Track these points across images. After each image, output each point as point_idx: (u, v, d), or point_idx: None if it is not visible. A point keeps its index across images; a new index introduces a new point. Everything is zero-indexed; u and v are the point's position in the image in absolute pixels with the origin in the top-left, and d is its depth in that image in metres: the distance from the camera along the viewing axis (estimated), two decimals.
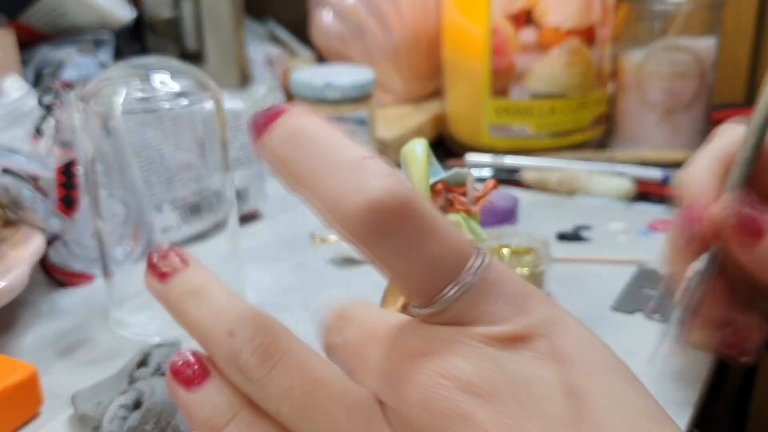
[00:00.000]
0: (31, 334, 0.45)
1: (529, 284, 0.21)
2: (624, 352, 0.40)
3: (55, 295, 0.50)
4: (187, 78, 0.44)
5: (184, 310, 0.23)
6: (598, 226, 0.58)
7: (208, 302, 0.23)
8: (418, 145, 0.34)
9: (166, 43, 0.84)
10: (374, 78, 0.70)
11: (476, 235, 0.35)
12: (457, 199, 0.35)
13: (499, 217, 0.58)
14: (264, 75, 0.88)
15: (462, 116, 0.78)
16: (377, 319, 0.23)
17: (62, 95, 0.48)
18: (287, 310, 0.47)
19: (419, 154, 0.33)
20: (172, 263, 0.23)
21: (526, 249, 0.48)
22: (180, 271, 0.23)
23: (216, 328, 0.22)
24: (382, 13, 0.84)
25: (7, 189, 0.45)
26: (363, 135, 0.70)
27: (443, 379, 0.19)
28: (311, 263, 0.54)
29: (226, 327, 0.22)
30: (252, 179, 0.60)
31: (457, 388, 0.19)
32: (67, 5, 0.71)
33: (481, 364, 0.19)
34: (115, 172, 0.48)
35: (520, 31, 0.71)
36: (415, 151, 0.33)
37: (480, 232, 0.35)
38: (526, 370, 0.19)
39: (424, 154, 0.33)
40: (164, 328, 0.45)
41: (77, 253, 0.51)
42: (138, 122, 0.48)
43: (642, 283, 0.48)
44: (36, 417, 0.37)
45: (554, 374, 0.19)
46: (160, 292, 0.23)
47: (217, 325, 0.22)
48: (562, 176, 0.66)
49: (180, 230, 0.51)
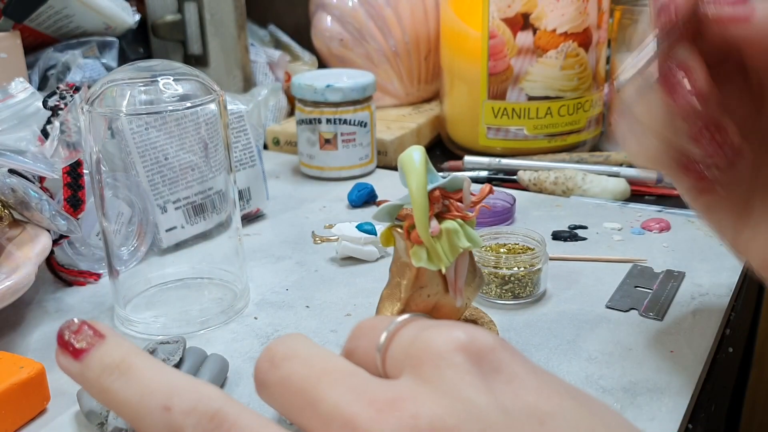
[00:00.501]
0: (37, 332, 0.46)
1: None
2: (620, 349, 0.41)
3: (61, 294, 0.50)
4: (190, 81, 0.44)
5: (106, 388, 0.21)
6: (593, 226, 0.59)
7: (133, 376, 0.20)
8: (416, 152, 0.34)
9: (170, 46, 0.84)
10: (374, 81, 0.71)
11: (472, 241, 0.35)
12: (454, 205, 0.35)
13: (496, 216, 0.59)
14: (266, 78, 0.88)
15: (460, 118, 0.79)
16: (323, 356, 0.21)
17: (68, 97, 0.49)
18: (290, 307, 0.48)
19: (417, 163, 0.33)
20: (86, 338, 0.21)
21: (522, 248, 0.48)
22: (96, 346, 0.21)
23: (148, 403, 0.20)
24: (382, 17, 0.85)
25: (13, 189, 0.46)
26: (363, 136, 0.71)
27: (414, 421, 0.19)
28: (312, 262, 0.54)
29: (159, 402, 0.20)
30: (254, 180, 0.61)
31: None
32: (72, 9, 0.72)
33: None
34: (120, 173, 0.49)
35: (517, 35, 0.71)
36: (413, 158, 0.33)
37: (476, 238, 0.36)
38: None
39: (422, 162, 0.33)
40: (168, 325, 0.45)
41: (83, 253, 0.51)
42: (142, 124, 0.48)
43: (637, 281, 0.49)
44: (43, 413, 0.38)
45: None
46: (77, 371, 0.21)
47: (149, 400, 0.20)
48: (558, 177, 0.67)
49: (184, 230, 0.52)
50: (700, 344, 0.42)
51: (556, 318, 0.45)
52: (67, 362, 0.21)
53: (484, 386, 0.19)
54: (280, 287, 0.50)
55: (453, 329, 0.21)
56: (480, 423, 0.19)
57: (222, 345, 0.43)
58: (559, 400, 0.20)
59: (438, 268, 0.34)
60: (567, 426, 0.19)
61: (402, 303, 0.36)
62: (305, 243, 0.58)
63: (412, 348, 0.21)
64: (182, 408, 0.19)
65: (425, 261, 0.34)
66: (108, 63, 0.76)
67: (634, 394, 0.37)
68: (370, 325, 0.23)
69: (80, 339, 0.21)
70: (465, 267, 0.36)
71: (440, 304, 0.37)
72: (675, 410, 0.36)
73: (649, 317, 0.45)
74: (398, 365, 0.21)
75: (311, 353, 0.21)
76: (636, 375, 0.39)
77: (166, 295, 0.49)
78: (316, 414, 0.20)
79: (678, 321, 0.44)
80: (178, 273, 0.50)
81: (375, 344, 0.22)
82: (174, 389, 0.20)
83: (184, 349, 0.39)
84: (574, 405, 0.20)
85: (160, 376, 0.20)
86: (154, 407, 0.20)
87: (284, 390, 0.21)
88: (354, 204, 0.65)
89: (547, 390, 0.20)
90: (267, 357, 0.22)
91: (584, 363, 0.40)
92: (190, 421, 0.19)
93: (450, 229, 0.34)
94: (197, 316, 0.46)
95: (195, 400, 0.20)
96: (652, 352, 0.41)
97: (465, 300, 0.37)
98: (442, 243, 0.34)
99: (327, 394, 0.20)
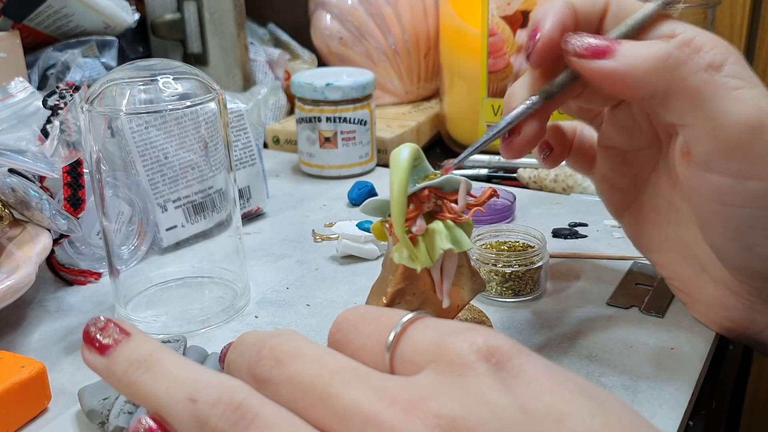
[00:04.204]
0: (38, 332, 0.46)
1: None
2: (620, 346, 0.41)
3: (61, 293, 0.50)
4: (190, 79, 0.44)
5: (133, 381, 0.21)
6: (593, 224, 0.59)
7: (160, 370, 0.21)
8: (405, 149, 0.33)
9: (170, 45, 0.84)
10: (374, 79, 0.71)
11: (457, 243, 0.34)
12: (447, 206, 0.35)
13: (496, 214, 0.59)
14: (266, 76, 0.88)
15: (460, 116, 0.79)
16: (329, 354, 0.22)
17: (67, 97, 0.49)
18: (290, 306, 0.48)
19: (402, 160, 0.33)
20: (112, 335, 0.22)
21: (523, 246, 0.48)
22: (123, 342, 0.22)
23: (174, 396, 0.20)
24: (381, 16, 0.85)
25: (13, 189, 0.46)
26: (363, 135, 0.71)
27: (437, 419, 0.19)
28: (313, 260, 0.54)
29: (185, 394, 0.20)
30: (254, 179, 0.61)
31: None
32: (71, 9, 0.72)
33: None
34: (120, 172, 0.49)
35: (516, 32, 0.71)
36: (400, 156, 0.33)
37: (463, 241, 0.35)
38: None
39: (407, 160, 0.33)
40: (169, 324, 0.45)
41: (83, 252, 0.51)
42: (142, 123, 0.48)
43: (637, 278, 0.49)
44: (44, 412, 0.38)
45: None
46: (104, 366, 0.22)
47: (175, 392, 0.21)
48: (558, 174, 0.67)
49: (184, 229, 0.52)
50: (701, 341, 0.42)
51: (556, 315, 0.45)
52: (93, 358, 0.22)
53: (504, 389, 0.20)
54: (281, 286, 0.50)
55: (472, 335, 0.21)
56: (501, 423, 0.19)
57: (223, 344, 0.43)
58: (576, 398, 0.20)
59: (415, 267, 0.34)
60: (583, 424, 0.19)
61: (388, 298, 0.35)
62: (305, 241, 0.58)
63: (432, 353, 0.21)
64: (207, 400, 0.20)
65: (406, 259, 0.34)
66: (107, 62, 0.76)
67: (635, 392, 0.37)
68: (363, 315, 0.23)
69: (106, 335, 0.22)
70: (452, 269, 0.36)
71: (428, 302, 0.36)
72: (676, 407, 0.36)
73: (649, 314, 0.45)
74: (413, 365, 0.21)
75: (317, 351, 0.22)
76: (637, 372, 0.39)
77: (167, 294, 0.49)
78: (331, 411, 0.20)
79: (679, 318, 0.44)
80: (178, 272, 0.50)
81: (380, 341, 0.22)
82: (199, 382, 0.20)
83: (185, 347, 0.39)
84: (590, 404, 0.20)
85: (185, 370, 0.21)
86: (180, 399, 0.20)
87: (293, 388, 0.21)
88: (354, 202, 0.65)
89: (564, 390, 0.20)
90: (270, 355, 0.22)
91: (585, 360, 0.40)
92: (215, 412, 0.20)
93: (433, 230, 0.34)
94: (198, 315, 0.46)
95: (220, 392, 0.20)
96: (653, 350, 0.41)
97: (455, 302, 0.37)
98: (422, 243, 0.34)
99: (343, 392, 0.20)
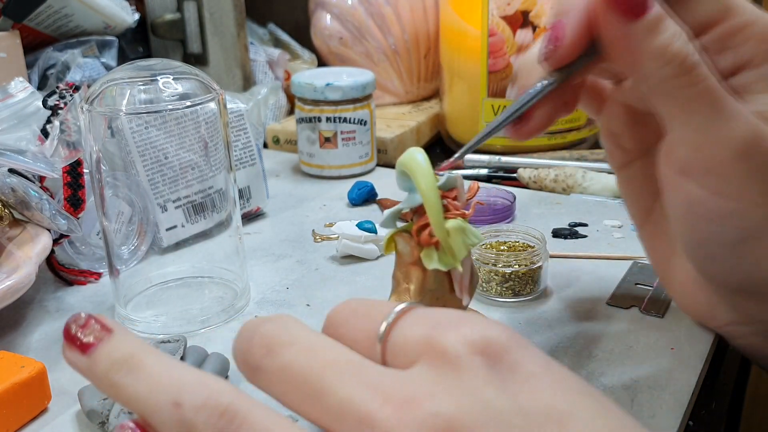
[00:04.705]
0: (38, 332, 0.46)
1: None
2: (620, 347, 0.41)
3: (61, 294, 0.50)
4: (190, 79, 0.44)
5: (115, 383, 0.20)
6: (593, 224, 0.59)
7: (142, 372, 0.20)
8: (419, 153, 0.33)
9: (170, 45, 0.84)
10: (374, 79, 0.71)
11: (477, 237, 0.35)
12: (452, 204, 0.35)
13: (496, 214, 0.59)
14: (266, 76, 0.88)
15: (459, 116, 0.79)
16: (324, 343, 0.21)
17: (67, 97, 0.49)
18: (290, 306, 0.48)
19: (423, 162, 0.33)
20: (93, 332, 0.21)
21: (523, 246, 0.48)
22: (104, 341, 0.21)
23: (157, 399, 0.20)
24: (381, 16, 0.85)
25: (13, 189, 0.46)
26: (363, 135, 0.71)
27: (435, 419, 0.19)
28: (313, 260, 0.54)
29: (169, 398, 0.19)
30: (254, 178, 0.61)
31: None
32: (71, 9, 0.72)
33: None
34: (120, 172, 0.49)
35: (516, 32, 0.71)
36: (418, 159, 0.33)
37: (479, 234, 0.35)
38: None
39: (427, 160, 0.33)
40: (169, 324, 0.45)
41: (83, 252, 0.51)
42: (142, 123, 0.48)
43: (637, 278, 0.49)
44: (44, 412, 0.38)
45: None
46: (85, 365, 0.21)
47: (158, 396, 0.20)
48: (558, 174, 0.67)
49: (184, 229, 0.52)
50: (701, 341, 0.42)
51: (556, 316, 0.45)
52: (74, 357, 0.21)
53: (501, 387, 0.19)
54: (281, 286, 0.50)
55: (466, 326, 0.20)
56: (499, 424, 0.19)
57: (223, 344, 0.44)
58: (576, 399, 0.20)
59: (450, 268, 0.34)
60: (584, 426, 0.19)
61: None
62: (305, 241, 0.58)
63: (423, 345, 0.21)
64: (192, 404, 0.19)
65: (437, 262, 0.34)
66: (107, 62, 0.76)
67: (635, 392, 0.37)
68: (355, 309, 0.23)
69: (87, 333, 0.21)
70: (469, 265, 0.36)
71: (446, 305, 0.36)
72: (676, 408, 0.36)
73: (649, 314, 0.45)
74: (405, 357, 0.21)
75: (311, 340, 0.21)
76: (637, 372, 0.39)
77: (167, 294, 0.49)
78: (324, 407, 0.20)
79: (679, 318, 0.44)
80: (178, 272, 0.50)
81: (371, 332, 0.22)
82: (183, 385, 0.20)
83: (185, 348, 0.39)
84: (591, 403, 0.20)
85: (169, 371, 0.20)
86: (164, 403, 0.19)
87: (285, 379, 0.20)
88: (354, 202, 0.65)
89: (564, 388, 0.20)
90: (262, 342, 0.21)
91: (585, 360, 0.40)
92: (201, 417, 0.19)
93: (458, 227, 0.34)
94: (198, 314, 0.46)
95: (205, 395, 0.19)
96: (653, 350, 0.41)
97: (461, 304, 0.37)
98: (454, 241, 0.34)
99: (336, 387, 0.20)
